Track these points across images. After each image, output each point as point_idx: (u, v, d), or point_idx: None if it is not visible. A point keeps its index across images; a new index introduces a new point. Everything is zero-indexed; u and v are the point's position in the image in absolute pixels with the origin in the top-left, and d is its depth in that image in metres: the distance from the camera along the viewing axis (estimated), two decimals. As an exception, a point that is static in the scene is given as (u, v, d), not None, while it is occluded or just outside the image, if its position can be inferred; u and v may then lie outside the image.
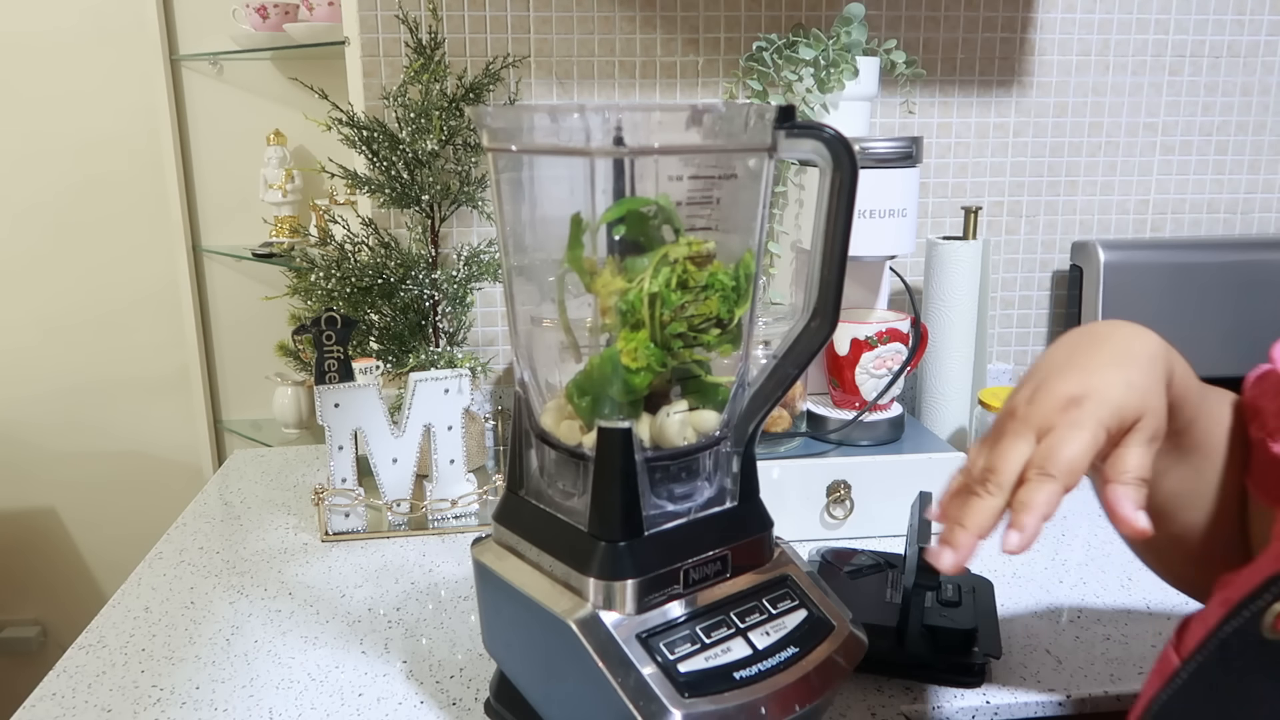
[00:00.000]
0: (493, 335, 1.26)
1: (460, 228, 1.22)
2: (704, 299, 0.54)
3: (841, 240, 0.55)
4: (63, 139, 1.66)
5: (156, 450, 1.79)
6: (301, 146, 1.68)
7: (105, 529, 1.82)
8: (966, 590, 0.77)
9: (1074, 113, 1.27)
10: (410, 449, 0.99)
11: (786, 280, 1.08)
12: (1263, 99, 1.30)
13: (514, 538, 0.61)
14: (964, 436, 1.12)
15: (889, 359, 0.99)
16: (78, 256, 1.70)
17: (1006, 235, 1.30)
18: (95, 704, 0.70)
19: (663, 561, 0.56)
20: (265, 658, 0.76)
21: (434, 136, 1.05)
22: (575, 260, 0.54)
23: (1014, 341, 1.34)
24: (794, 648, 0.57)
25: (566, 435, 0.58)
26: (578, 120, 0.51)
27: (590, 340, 0.56)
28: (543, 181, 0.59)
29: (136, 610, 0.84)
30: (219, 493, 1.12)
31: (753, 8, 1.19)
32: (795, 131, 0.54)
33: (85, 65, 1.63)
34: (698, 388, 0.58)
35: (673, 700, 0.51)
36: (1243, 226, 1.34)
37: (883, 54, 1.09)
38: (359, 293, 1.08)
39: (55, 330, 1.73)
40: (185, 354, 1.70)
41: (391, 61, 1.17)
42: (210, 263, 1.69)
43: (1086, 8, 1.24)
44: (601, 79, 1.20)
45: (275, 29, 1.51)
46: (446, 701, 0.70)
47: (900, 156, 0.96)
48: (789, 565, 0.62)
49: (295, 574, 0.91)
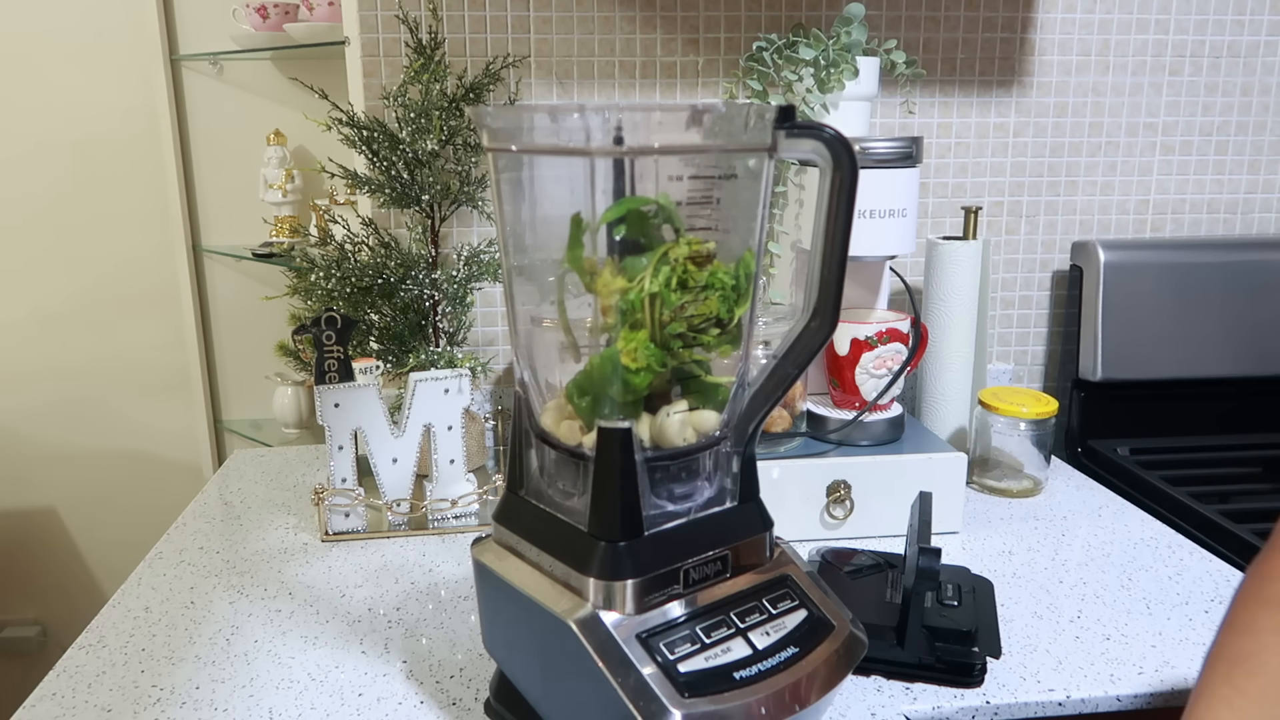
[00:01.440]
0: (493, 335, 1.26)
1: (460, 228, 1.22)
2: (704, 299, 0.54)
3: (841, 240, 0.55)
4: (63, 139, 1.66)
5: (156, 450, 1.79)
6: (301, 146, 1.68)
7: (105, 529, 1.82)
8: (966, 590, 0.77)
9: (1074, 113, 1.27)
10: (410, 449, 0.99)
11: (786, 280, 1.08)
12: (1263, 99, 1.30)
13: (514, 538, 0.61)
14: (964, 436, 1.12)
15: (889, 359, 0.99)
16: (78, 256, 1.70)
17: (1006, 235, 1.30)
18: (95, 704, 0.70)
19: (663, 561, 0.56)
20: (265, 658, 0.76)
21: (434, 136, 1.05)
22: (575, 260, 0.54)
23: (1014, 341, 1.34)
24: (794, 648, 0.57)
25: (566, 435, 0.58)
26: (578, 120, 0.51)
27: (590, 340, 0.56)
28: (543, 181, 0.59)
29: (136, 610, 0.84)
30: (219, 493, 1.12)
31: (753, 8, 1.19)
32: (795, 131, 0.55)
33: (85, 65, 1.63)
34: (698, 388, 0.58)
35: (673, 700, 0.51)
36: (1243, 226, 1.34)
37: (883, 54, 1.09)
38: (359, 293, 1.08)
39: (55, 330, 1.73)
40: (185, 354, 1.70)
41: (391, 61, 1.17)
42: (210, 263, 1.69)
43: (1086, 8, 1.24)
44: (601, 79, 1.20)
45: (275, 29, 1.51)
46: (446, 701, 0.70)
47: (900, 156, 0.96)
48: (789, 565, 0.62)
49: (295, 574, 0.91)
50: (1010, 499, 1.07)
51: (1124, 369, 1.22)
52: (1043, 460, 1.08)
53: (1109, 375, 1.21)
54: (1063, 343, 1.34)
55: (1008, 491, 1.08)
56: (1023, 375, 1.35)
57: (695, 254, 0.54)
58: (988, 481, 1.09)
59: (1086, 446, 1.24)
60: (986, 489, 1.09)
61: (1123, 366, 1.22)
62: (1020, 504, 1.06)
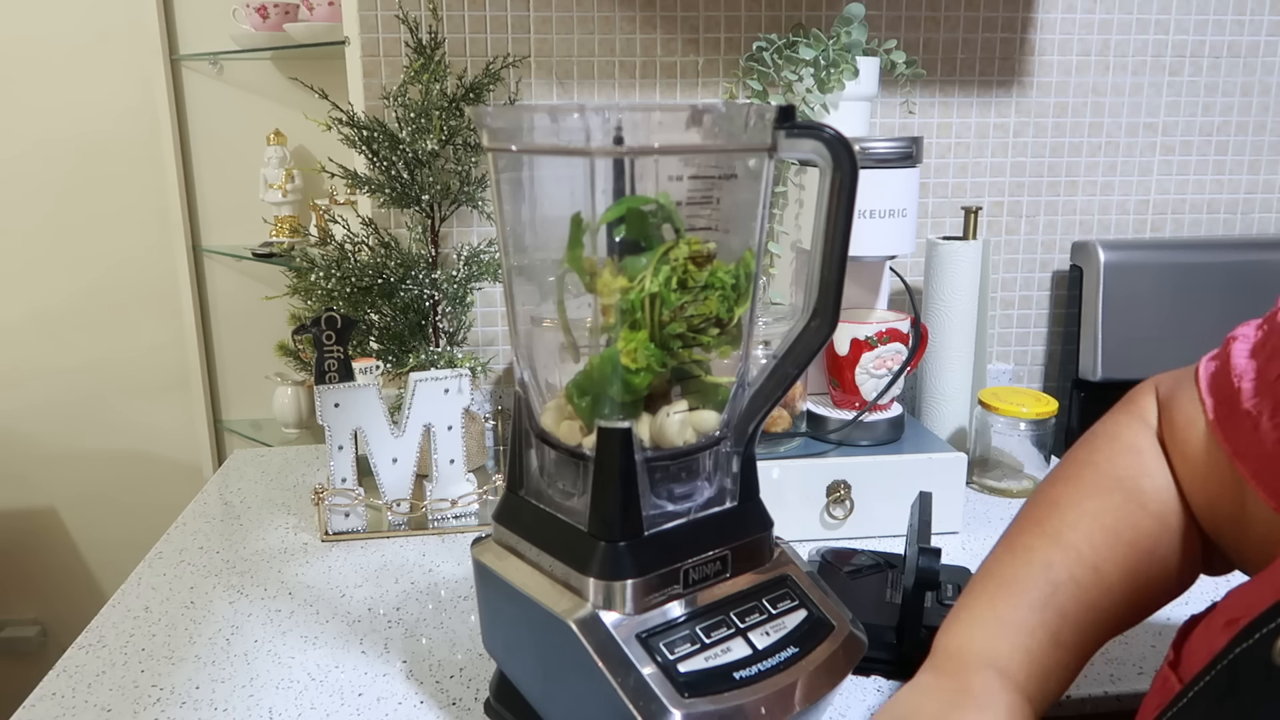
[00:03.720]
0: (493, 335, 1.26)
1: (460, 228, 1.22)
2: (704, 299, 0.54)
3: (841, 240, 0.55)
4: (63, 139, 1.66)
5: (156, 450, 1.79)
6: (301, 146, 1.68)
7: (105, 529, 1.82)
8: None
9: (1074, 113, 1.27)
10: (410, 449, 0.99)
11: (786, 280, 1.08)
12: (1263, 99, 1.30)
13: (514, 538, 0.61)
14: (964, 436, 1.12)
15: (889, 359, 0.99)
16: (78, 256, 1.70)
17: (1006, 235, 1.30)
18: (95, 704, 0.70)
19: (663, 561, 0.56)
20: (265, 658, 0.76)
21: (434, 136, 1.05)
22: (575, 260, 0.54)
23: (1014, 341, 1.34)
24: (794, 648, 0.57)
25: (566, 435, 0.58)
26: (578, 120, 0.51)
27: (590, 340, 0.56)
28: (543, 181, 0.59)
29: (136, 610, 0.84)
30: (219, 493, 1.12)
31: (753, 8, 1.19)
32: (795, 131, 0.54)
33: (85, 65, 1.63)
34: (698, 388, 0.58)
35: (673, 700, 0.51)
36: (1243, 226, 1.34)
37: (883, 54, 1.09)
38: (359, 293, 1.08)
39: (55, 330, 1.73)
40: (185, 354, 1.70)
41: (391, 61, 1.17)
42: (210, 263, 1.69)
43: (1086, 8, 1.24)
44: (601, 79, 1.20)
45: (275, 29, 1.51)
46: (446, 701, 0.70)
47: (900, 156, 0.96)
48: (789, 565, 0.62)
49: (295, 574, 0.91)
50: (1010, 499, 1.07)
51: (1124, 369, 1.22)
52: (1043, 460, 1.08)
53: (1109, 375, 1.21)
54: (1063, 343, 1.34)
55: (1008, 492, 1.08)
56: (1023, 375, 1.35)
57: (695, 254, 0.54)
58: (988, 481, 1.09)
59: (1086, 446, 1.24)
60: (986, 489, 1.09)
61: (1123, 366, 1.22)
62: (1020, 504, 1.06)
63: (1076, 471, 0.60)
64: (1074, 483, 0.59)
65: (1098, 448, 0.61)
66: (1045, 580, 0.55)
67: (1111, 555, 0.55)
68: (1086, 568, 0.55)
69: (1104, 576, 0.55)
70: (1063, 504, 0.58)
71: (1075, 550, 0.55)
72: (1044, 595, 0.54)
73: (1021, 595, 0.55)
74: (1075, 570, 0.55)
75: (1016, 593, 0.55)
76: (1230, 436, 0.53)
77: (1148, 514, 0.56)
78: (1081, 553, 0.55)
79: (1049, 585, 0.55)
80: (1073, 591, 0.54)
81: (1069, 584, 0.54)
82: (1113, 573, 0.55)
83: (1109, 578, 0.55)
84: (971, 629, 0.55)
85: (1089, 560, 0.55)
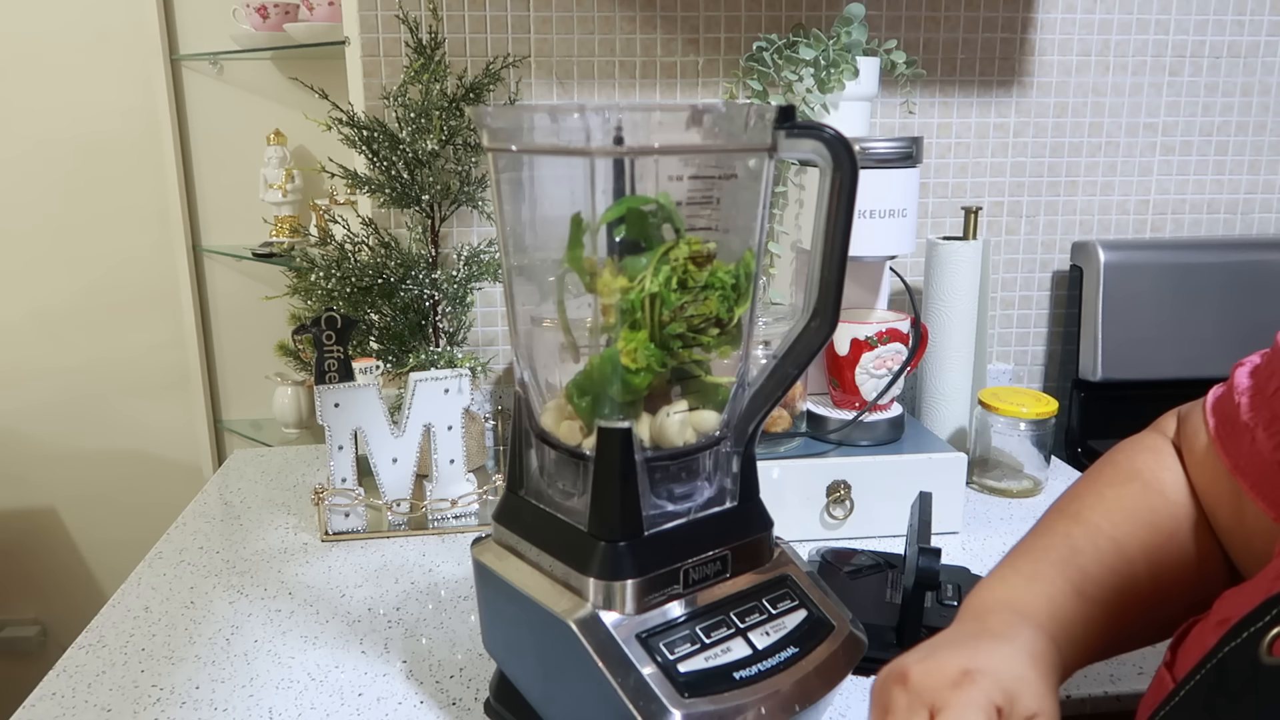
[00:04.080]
0: (493, 335, 1.26)
1: (460, 228, 1.22)
2: (704, 299, 0.54)
3: (841, 240, 0.55)
4: (63, 139, 1.66)
5: (156, 450, 1.79)
6: (301, 146, 1.68)
7: (105, 529, 1.82)
8: (966, 590, 0.77)
9: (1074, 113, 1.27)
10: (410, 449, 0.99)
11: (786, 280, 1.08)
12: (1263, 99, 1.30)
13: (514, 538, 0.61)
14: (964, 436, 1.12)
15: (889, 359, 0.99)
16: (78, 256, 1.70)
17: (1006, 235, 1.30)
18: (95, 704, 0.70)
19: (663, 561, 0.56)
20: (265, 658, 0.76)
21: (434, 136, 1.05)
22: (575, 260, 0.54)
23: (1014, 341, 1.34)
24: (794, 648, 0.57)
25: (566, 435, 0.58)
26: (578, 120, 0.51)
27: (590, 340, 0.56)
28: (543, 181, 0.59)
29: (136, 610, 0.84)
30: (219, 493, 1.12)
31: (753, 8, 1.19)
32: (795, 131, 0.54)
33: (85, 65, 1.63)
34: (698, 388, 0.58)
35: (673, 700, 0.51)
36: (1243, 226, 1.34)
37: (883, 54, 1.09)
38: (359, 293, 1.08)
39: (55, 330, 1.73)
40: (185, 354, 1.70)
41: (391, 61, 1.17)
42: (210, 263, 1.69)
43: (1086, 8, 1.24)
44: (601, 79, 1.20)
45: (275, 29, 1.51)
46: (446, 701, 0.70)
47: (900, 156, 0.96)
48: (789, 565, 0.62)
49: (295, 574, 0.91)
50: (1010, 499, 1.07)
51: (1124, 369, 1.22)
52: (1043, 460, 1.08)
53: (1109, 375, 1.21)
54: (1063, 343, 1.34)
55: (1008, 492, 1.08)
56: (1023, 375, 1.35)
57: (695, 254, 0.54)
58: (988, 481, 1.09)
59: (1086, 446, 1.24)
60: (986, 489, 1.09)
61: (1123, 366, 1.22)
62: (1020, 504, 1.06)
63: (1097, 469, 0.62)
64: (1093, 477, 0.61)
65: (1119, 448, 0.63)
66: (1066, 546, 0.56)
67: (1131, 531, 0.56)
68: (1106, 539, 0.56)
69: (1124, 549, 0.55)
70: (1083, 493, 0.60)
71: (1095, 525, 0.56)
72: (1064, 556, 0.55)
73: (1042, 555, 0.56)
74: (1096, 540, 0.56)
75: (1037, 555, 0.56)
76: (1230, 450, 0.54)
77: (1166, 500, 0.57)
78: (1101, 527, 0.56)
79: (1069, 549, 0.55)
80: (1094, 555, 0.55)
81: (1090, 550, 0.55)
82: (1133, 546, 0.55)
83: (1129, 550, 0.55)
84: (993, 587, 0.55)
85: (1108, 533, 0.56)
